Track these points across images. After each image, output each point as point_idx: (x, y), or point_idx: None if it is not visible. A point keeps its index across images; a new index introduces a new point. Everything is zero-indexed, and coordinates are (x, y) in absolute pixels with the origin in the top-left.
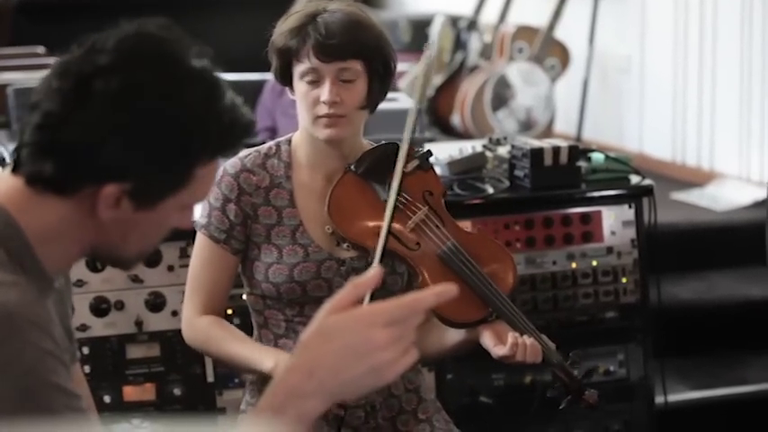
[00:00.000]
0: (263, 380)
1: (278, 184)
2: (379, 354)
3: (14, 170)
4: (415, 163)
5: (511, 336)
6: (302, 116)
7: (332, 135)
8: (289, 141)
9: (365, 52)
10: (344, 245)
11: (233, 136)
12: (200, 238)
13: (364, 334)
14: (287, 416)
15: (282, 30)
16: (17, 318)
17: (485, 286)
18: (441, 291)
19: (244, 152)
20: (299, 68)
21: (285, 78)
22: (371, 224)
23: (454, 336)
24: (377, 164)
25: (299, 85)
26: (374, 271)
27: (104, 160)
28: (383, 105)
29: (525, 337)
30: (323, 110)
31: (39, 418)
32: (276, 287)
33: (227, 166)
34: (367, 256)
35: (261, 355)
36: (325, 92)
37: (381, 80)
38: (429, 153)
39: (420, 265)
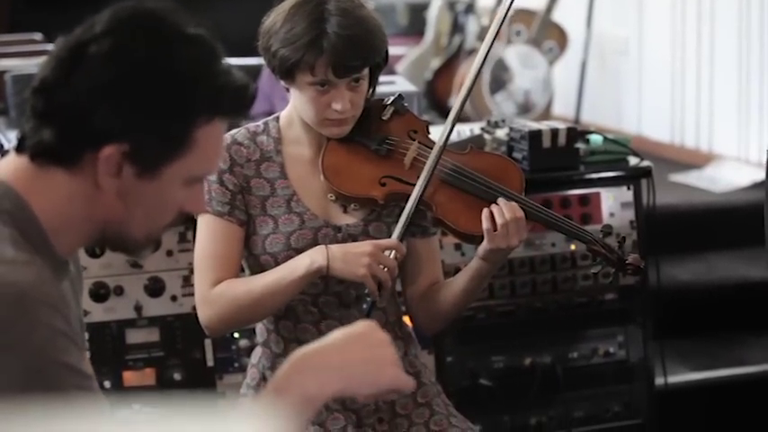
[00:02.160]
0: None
1: (268, 158)
2: (384, 348)
3: (19, 150)
4: (390, 110)
5: (484, 211)
6: (307, 115)
7: (340, 133)
8: (276, 119)
9: (376, 59)
10: (351, 206)
11: (228, 95)
12: (202, 219)
13: (368, 330)
14: (289, 396)
15: (290, 37)
16: (29, 297)
17: (497, 192)
18: None
19: (233, 130)
20: (308, 78)
21: (286, 76)
22: (371, 174)
23: (468, 269)
24: (355, 123)
25: (307, 90)
26: None
27: (100, 121)
28: (382, 88)
29: (500, 200)
30: (333, 114)
31: (48, 398)
32: (274, 257)
33: None
34: (369, 217)
35: (293, 263)
36: (338, 101)
37: (380, 69)
38: (401, 97)
39: (429, 196)
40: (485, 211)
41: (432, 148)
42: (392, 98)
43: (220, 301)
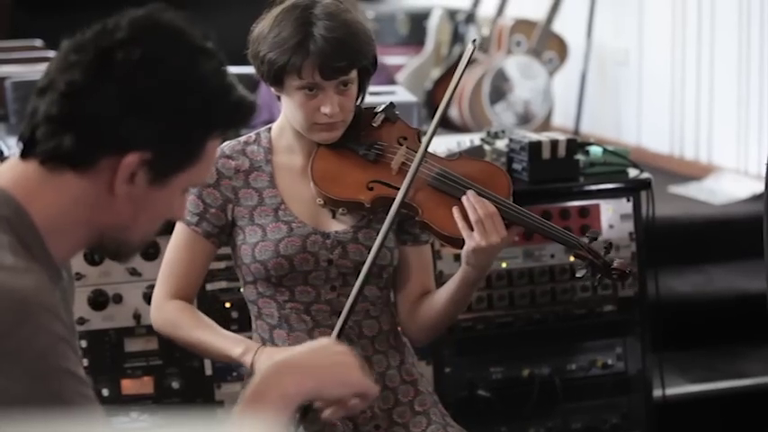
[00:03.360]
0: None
1: (257, 168)
2: (345, 356)
3: (24, 155)
4: (381, 117)
5: (454, 209)
6: (297, 120)
7: (330, 138)
8: (268, 129)
9: (363, 62)
10: (340, 210)
11: (242, 111)
12: (177, 226)
13: (334, 343)
14: (269, 398)
15: (277, 41)
16: (30, 303)
17: (484, 197)
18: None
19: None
20: (296, 82)
21: (275, 81)
22: (359, 179)
23: (455, 276)
24: (346, 130)
25: (296, 95)
26: None
27: (126, 129)
28: (382, 98)
29: (470, 193)
30: (323, 119)
31: (49, 404)
32: (264, 265)
33: None
34: (359, 224)
35: (230, 342)
36: (327, 104)
37: (369, 75)
38: (392, 105)
39: (415, 200)
40: (454, 209)
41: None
42: (383, 106)
43: (165, 322)
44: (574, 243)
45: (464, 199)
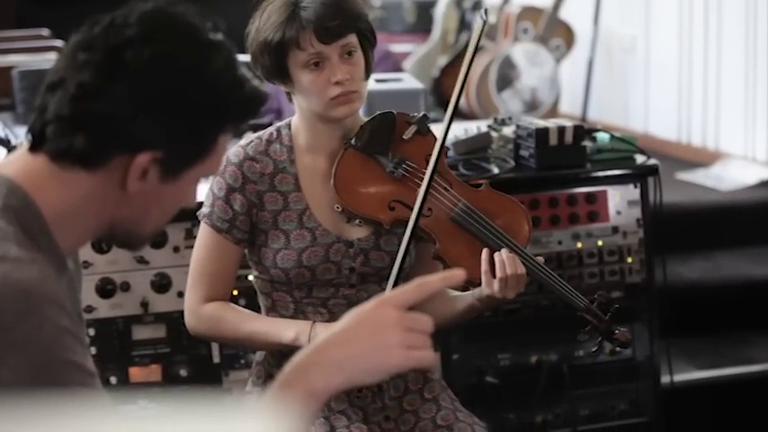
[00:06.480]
0: (271, 361)
1: (282, 169)
2: (389, 331)
3: (33, 148)
4: (413, 129)
5: (484, 253)
6: (312, 102)
7: (349, 112)
8: (288, 125)
9: (358, 23)
10: (356, 221)
11: (255, 103)
12: (203, 227)
13: (375, 311)
14: (294, 391)
15: (268, 25)
16: (35, 294)
17: (501, 241)
18: (447, 275)
19: (245, 140)
20: (300, 58)
21: (280, 73)
22: (381, 195)
23: (465, 299)
24: (376, 135)
25: (304, 75)
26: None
27: (138, 129)
28: (388, 85)
29: (504, 252)
30: (336, 90)
31: (55, 396)
32: (285, 272)
33: (230, 155)
34: (379, 230)
35: (281, 327)
36: (336, 72)
37: (371, 47)
38: (426, 116)
39: (434, 230)
40: (484, 254)
41: (448, 180)
42: (417, 116)
43: (208, 323)
44: (581, 306)
45: (496, 254)
